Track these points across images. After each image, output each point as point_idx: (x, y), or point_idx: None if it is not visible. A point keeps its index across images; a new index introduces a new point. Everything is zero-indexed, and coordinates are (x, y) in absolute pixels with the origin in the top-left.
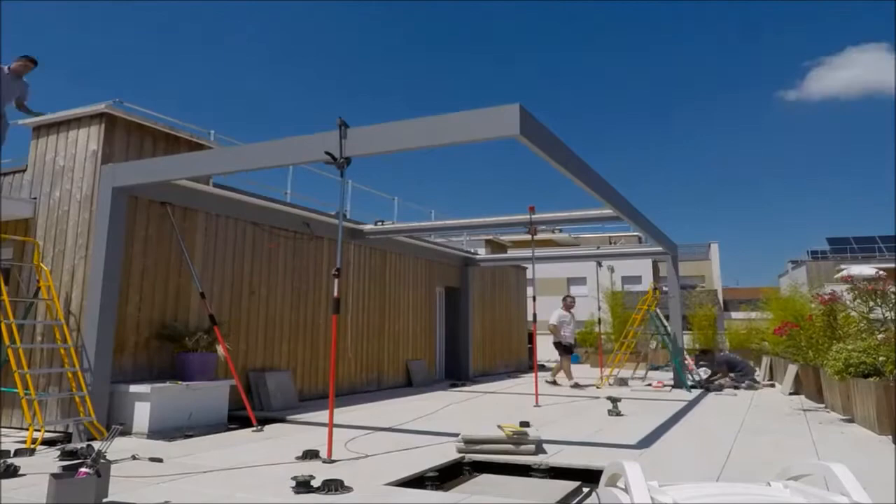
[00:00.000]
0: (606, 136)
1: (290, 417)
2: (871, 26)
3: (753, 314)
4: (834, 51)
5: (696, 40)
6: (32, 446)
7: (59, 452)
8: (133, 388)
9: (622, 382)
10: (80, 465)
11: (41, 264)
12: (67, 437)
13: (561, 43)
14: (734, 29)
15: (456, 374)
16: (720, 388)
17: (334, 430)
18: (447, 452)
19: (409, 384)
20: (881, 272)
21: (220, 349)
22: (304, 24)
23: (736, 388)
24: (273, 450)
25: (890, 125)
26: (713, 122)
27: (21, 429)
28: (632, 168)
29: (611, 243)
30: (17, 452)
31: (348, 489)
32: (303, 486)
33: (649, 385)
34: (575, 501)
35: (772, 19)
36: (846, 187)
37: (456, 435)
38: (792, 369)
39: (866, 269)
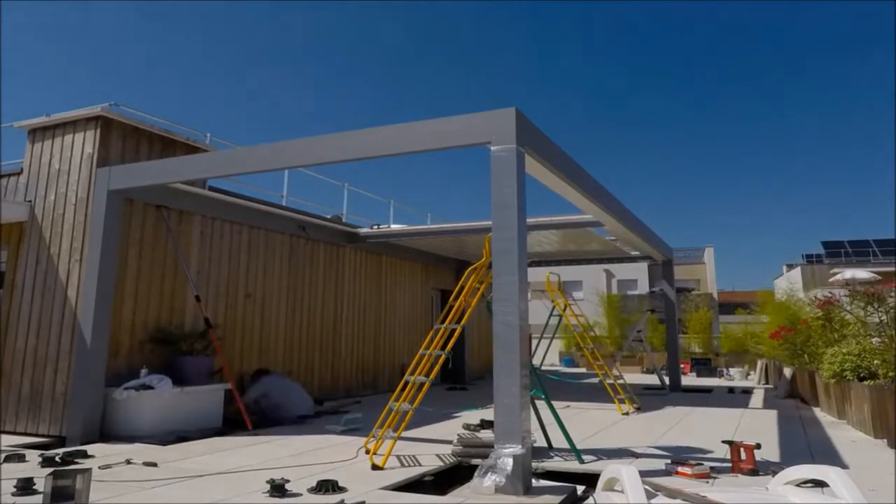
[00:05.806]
0: (604, 137)
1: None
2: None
3: (750, 317)
4: None
5: (695, 36)
6: (25, 450)
7: (41, 459)
8: (128, 392)
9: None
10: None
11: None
12: (61, 441)
13: (551, 44)
14: (733, 25)
15: (453, 377)
16: None
17: (330, 435)
18: (444, 456)
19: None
20: (875, 276)
21: (215, 352)
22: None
23: None
24: (268, 453)
25: (890, 125)
26: (712, 121)
27: (14, 433)
28: (629, 171)
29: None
30: (9, 458)
31: (343, 489)
32: (277, 490)
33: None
34: None
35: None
36: (841, 190)
37: (451, 441)
38: (787, 372)
39: (860, 273)
